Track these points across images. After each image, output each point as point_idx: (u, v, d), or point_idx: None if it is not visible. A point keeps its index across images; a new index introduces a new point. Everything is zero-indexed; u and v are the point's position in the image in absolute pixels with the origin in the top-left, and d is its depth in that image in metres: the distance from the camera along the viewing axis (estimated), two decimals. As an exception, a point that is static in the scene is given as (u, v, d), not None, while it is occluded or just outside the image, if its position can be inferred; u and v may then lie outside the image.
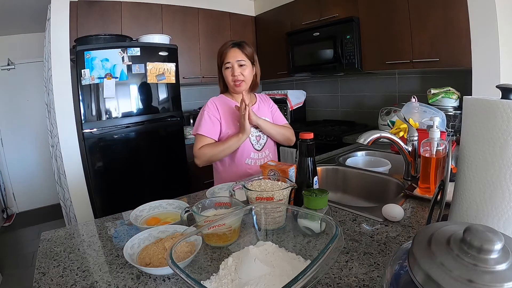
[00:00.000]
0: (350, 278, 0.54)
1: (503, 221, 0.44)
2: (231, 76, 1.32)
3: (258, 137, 1.39)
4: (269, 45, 3.10)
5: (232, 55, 1.31)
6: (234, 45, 1.32)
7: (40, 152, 3.51)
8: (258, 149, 1.38)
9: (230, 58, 1.30)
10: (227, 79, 1.34)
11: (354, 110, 2.74)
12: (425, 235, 0.32)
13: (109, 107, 2.08)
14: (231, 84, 1.34)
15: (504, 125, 0.42)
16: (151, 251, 0.61)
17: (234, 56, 1.31)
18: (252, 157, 1.36)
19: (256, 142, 1.38)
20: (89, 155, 2.05)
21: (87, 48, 1.97)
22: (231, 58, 1.30)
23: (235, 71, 1.31)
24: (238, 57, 1.31)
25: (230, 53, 1.31)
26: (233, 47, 1.32)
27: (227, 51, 1.31)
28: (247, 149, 1.35)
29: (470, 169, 0.48)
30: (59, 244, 0.74)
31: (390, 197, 1.09)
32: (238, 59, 1.31)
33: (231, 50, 1.31)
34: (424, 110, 1.51)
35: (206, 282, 0.51)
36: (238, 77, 1.31)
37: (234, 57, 1.30)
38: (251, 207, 0.65)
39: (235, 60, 1.30)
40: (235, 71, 1.31)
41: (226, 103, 1.39)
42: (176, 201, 0.89)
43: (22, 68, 3.34)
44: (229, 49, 1.31)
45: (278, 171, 0.88)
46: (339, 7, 2.37)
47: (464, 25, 1.65)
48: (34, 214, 3.45)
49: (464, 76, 1.78)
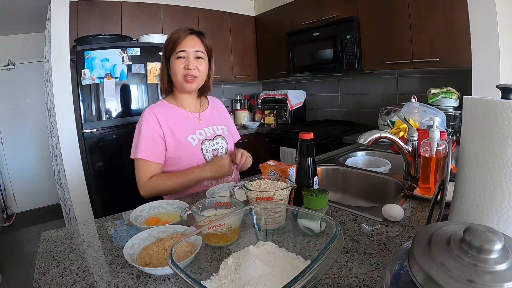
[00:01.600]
0: (350, 278, 0.54)
1: (503, 221, 0.44)
2: (183, 68, 1.06)
3: (216, 151, 1.15)
4: (269, 45, 3.10)
5: (189, 43, 1.07)
6: (192, 32, 1.09)
7: (40, 152, 3.51)
8: None
9: (187, 46, 1.06)
10: (175, 73, 1.08)
11: (354, 110, 2.74)
12: (425, 235, 0.32)
13: (109, 107, 2.08)
14: (179, 80, 1.08)
15: (504, 125, 0.42)
16: (151, 251, 0.61)
17: (192, 44, 1.07)
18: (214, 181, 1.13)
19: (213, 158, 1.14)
20: (89, 155, 2.05)
21: (87, 48, 1.97)
22: (188, 46, 1.06)
23: (190, 63, 1.06)
24: (197, 46, 1.08)
25: (188, 40, 1.07)
26: (192, 33, 1.09)
27: (184, 37, 1.07)
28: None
29: (470, 169, 0.48)
30: (59, 244, 0.74)
31: (390, 197, 1.09)
32: (197, 49, 1.08)
33: (188, 37, 1.07)
34: (424, 110, 1.51)
35: (206, 282, 0.51)
36: (192, 71, 1.07)
37: (192, 45, 1.07)
38: (251, 207, 0.65)
39: (193, 49, 1.07)
40: (190, 63, 1.06)
41: (172, 111, 1.13)
42: (176, 201, 0.89)
43: (22, 68, 3.33)
44: (187, 35, 1.07)
45: (278, 171, 0.88)
46: (339, 7, 2.37)
47: (464, 25, 1.65)
48: (34, 214, 3.45)
49: (464, 76, 1.78)
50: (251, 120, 3.33)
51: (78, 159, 2.13)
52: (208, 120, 1.18)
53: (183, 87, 1.10)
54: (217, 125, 1.19)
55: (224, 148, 1.18)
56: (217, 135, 1.18)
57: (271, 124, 3.00)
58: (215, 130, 1.18)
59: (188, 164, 1.09)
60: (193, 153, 1.10)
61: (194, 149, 1.10)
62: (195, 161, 1.10)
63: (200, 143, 1.12)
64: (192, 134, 1.12)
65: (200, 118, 1.17)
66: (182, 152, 1.09)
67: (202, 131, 1.15)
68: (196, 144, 1.11)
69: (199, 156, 1.11)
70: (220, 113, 1.28)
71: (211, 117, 1.20)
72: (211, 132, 1.17)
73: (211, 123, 1.18)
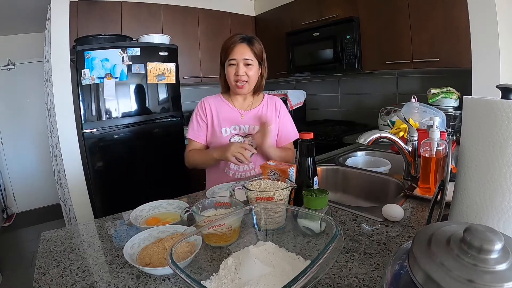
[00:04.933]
0: (350, 278, 0.54)
1: (503, 221, 0.44)
2: (234, 75, 1.18)
3: None
4: (269, 45, 3.06)
5: (239, 51, 1.16)
6: (243, 40, 1.17)
7: (40, 152, 3.50)
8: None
9: (236, 55, 1.16)
10: (229, 78, 1.20)
11: (354, 110, 2.74)
12: (425, 235, 0.32)
13: (109, 107, 2.08)
14: (232, 84, 1.21)
15: (504, 125, 0.42)
16: (151, 251, 0.61)
17: (242, 53, 1.16)
18: (232, 168, 1.24)
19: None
20: (89, 155, 2.05)
21: (87, 48, 1.97)
22: (238, 54, 1.16)
23: (239, 70, 1.17)
24: (246, 54, 1.17)
25: (237, 48, 1.16)
26: (242, 42, 1.17)
27: (234, 46, 1.16)
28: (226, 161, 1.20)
29: (470, 169, 0.48)
30: (59, 244, 0.74)
31: (390, 197, 1.09)
32: (245, 57, 1.17)
33: (238, 46, 1.16)
34: (424, 110, 1.51)
35: (206, 282, 0.51)
36: (241, 77, 1.18)
37: (241, 54, 1.16)
38: (251, 207, 0.65)
39: (242, 57, 1.16)
40: (240, 70, 1.17)
41: (221, 104, 1.28)
42: (176, 201, 0.89)
43: (22, 68, 3.33)
44: (237, 44, 1.16)
45: (278, 171, 0.88)
46: (339, 7, 2.37)
47: (464, 25, 1.65)
48: (34, 214, 3.45)
49: (464, 76, 1.78)
50: (251, 120, 3.32)
51: (78, 159, 2.13)
52: (250, 119, 1.26)
53: (235, 91, 1.23)
54: (255, 126, 1.25)
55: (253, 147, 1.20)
56: (250, 134, 1.25)
57: (271, 124, 3.00)
58: (250, 130, 1.25)
59: None
60: (221, 142, 1.22)
61: (222, 139, 1.23)
62: None
63: (230, 136, 1.23)
64: (227, 126, 1.24)
65: (243, 115, 1.26)
66: (214, 139, 1.24)
67: (237, 126, 1.25)
68: (226, 136, 1.23)
69: None
70: (272, 112, 1.31)
71: (257, 116, 1.27)
72: (246, 130, 1.25)
73: (251, 122, 1.26)
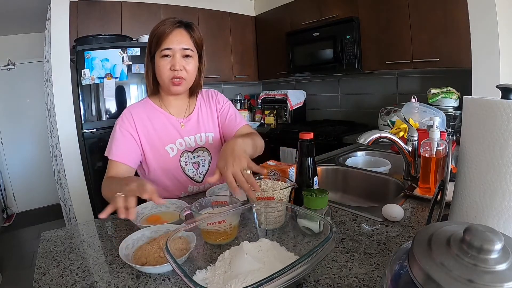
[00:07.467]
0: (350, 278, 0.54)
1: (503, 221, 0.44)
2: (169, 70, 0.92)
3: (196, 164, 1.03)
4: (269, 45, 3.10)
5: (175, 39, 0.90)
6: (180, 25, 0.92)
7: (40, 152, 3.50)
8: (198, 181, 1.04)
9: (173, 43, 0.90)
10: (161, 73, 0.93)
11: (354, 110, 2.74)
12: (425, 235, 0.32)
13: (109, 107, 2.08)
14: (166, 82, 0.94)
15: (504, 125, 0.42)
16: (146, 250, 0.61)
17: (179, 41, 0.91)
18: (191, 191, 1.05)
19: (195, 171, 1.03)
20: (89, 155, 2.05)
21: (87, 48, 1.97)
22: (174, 43, 0.90)
23: (176, 63, 0.90)
24: (184, 42, 0.92)
25: (174, 35, 0.90)
26: (179, 27, 0.92)
27: (170, 32, 0.90)
28: (183, 184, 1.02)
29: (470, 169, 0.48)
30: (59, 244, 0.74)
31: (390, 197, 1.09)
32: (184, 46, 0.91)
33: (175, 32, 0.91)
34: (424, 110, 1.51)
35: (202, 271, 0.54)
36: (179, 72, 0.92)
37: (178, 42, 0.90)
38: (251, 205, 0.66)
39: (180, 47, 0.91)
40: (177, 63, 0.91)
41: (154, 113, 1.00)
42: (179, 201, 0.90)
43: (22, 68, 3.33)
44: (173, 30, 0.91)
45: (278, 171, 0.88)
46: (339, 7, 2.37)
47: (464, 25, 1.65)
48: (34, 214, 3.45)
49: (464, 76, 1.78)
50: (251, 120, 3.33)
51: (78, 159, 2.13)
52: (192, 128, 1.04)
53: (170, 90, 0.96)
54: (201, 133, 1.05)
55: (206, 161, 1.05)
56: (199, 146, 1.05)
57: (271, 124, 3.00)
58: (197, 141, 1.05)
59: (165, 176, 1.00)
60: (169, 164, 1.00)
61: (171, 160, 1.00)
62: (172, 173, 1.00)
63: (179, 155, 1.01)
64: (172, 143, 1.01)
65: (183, 124, 1.03)
66: (159, 162, 0.99)
67: (182, 140, 1.02)
68: (174, 155, 1.01)
69: (176, 168, 1.01)
70: (212, 110, 1.10)
71: (197, 122, 1.06)
72: (192, 143, 1.04)
73: (194, 131, 1.04)
